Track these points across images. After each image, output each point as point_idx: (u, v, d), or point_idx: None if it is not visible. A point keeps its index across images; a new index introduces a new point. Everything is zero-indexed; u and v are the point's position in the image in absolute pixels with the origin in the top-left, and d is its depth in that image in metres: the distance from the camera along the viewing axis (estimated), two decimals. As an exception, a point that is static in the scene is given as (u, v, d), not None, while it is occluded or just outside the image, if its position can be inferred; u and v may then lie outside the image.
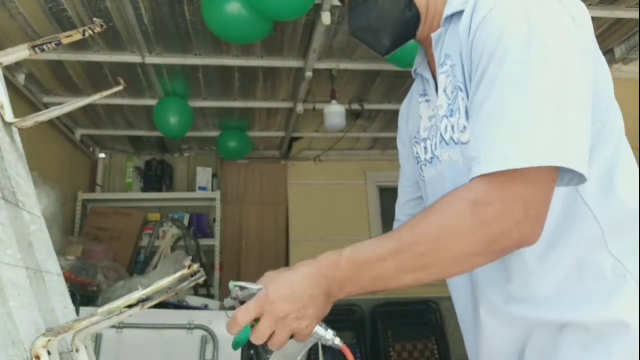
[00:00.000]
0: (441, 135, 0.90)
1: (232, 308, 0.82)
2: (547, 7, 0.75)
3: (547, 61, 0.72)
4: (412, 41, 1.01)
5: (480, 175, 0.71)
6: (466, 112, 0.83)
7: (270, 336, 0.75)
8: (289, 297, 0.74)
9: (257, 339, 0.75)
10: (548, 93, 0.71)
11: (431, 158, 0.97)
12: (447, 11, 0.89)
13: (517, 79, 0.72)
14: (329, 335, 0.80)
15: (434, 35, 0.91)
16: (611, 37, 2.87)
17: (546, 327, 0.81)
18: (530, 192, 0.69)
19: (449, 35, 0.88)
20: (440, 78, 0.90)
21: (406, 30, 0.95)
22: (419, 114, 1.02)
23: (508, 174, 0.69)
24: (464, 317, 0.98)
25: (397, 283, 0.75)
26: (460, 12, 0.85)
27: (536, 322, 0.82)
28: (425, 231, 0.73)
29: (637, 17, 2.61)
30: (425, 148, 0.98)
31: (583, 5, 0.81)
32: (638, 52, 2.96)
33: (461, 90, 0.84)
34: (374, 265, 0.74)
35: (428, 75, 0.99)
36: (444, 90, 0.89)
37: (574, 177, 0.72)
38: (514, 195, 0.69)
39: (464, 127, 0.83)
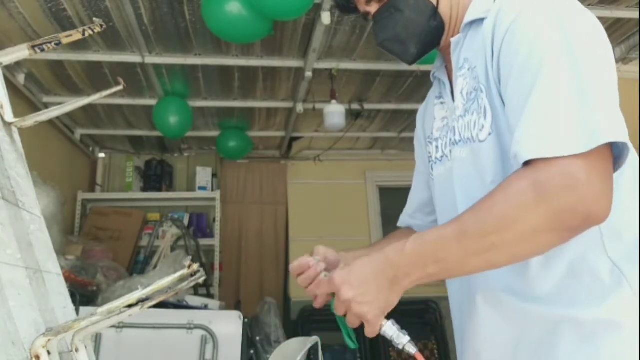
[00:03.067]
0: (454, 134, 0.94)
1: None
2: (574, 5, 0.82)
3: (587, 51, 0.75)
4: None
5: (536, 160, 0.70)
6: (485, 111, 0.85)
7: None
8: (351, 283, 0.77)
9: (338, 312, 0.81)
10: (594, 79, 0.73)
11: (441, 157, 1.01)
12: (469, 18, 0.92)
13: (562, 67, 0.73)
14: (399, 339, 0.80)
15: (453, 40, 0.95)
16: (611, 37, 2.86)
17: (541, 322, 0.81)
18: (591, 168, 0.68)
19: (468, 40, 0.92)
20: (458, 81, 0.93)
21: (432, 39, 0.99)
22: (434, 115, 1.06)
23: (569, 160, 0.68)
24: (458, 305, 0.98)
25: (463, 267, 0.75)
26: (481, 20, 0.89)
27: (532, 315, 0.83)
28: (488, 212, 0.72)
29: (637, 17, 2.61)
30: (437, 147, 1.02)
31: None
32: (638, 52, 2.96)
33: (482, 91, 0.86)
34: (439, 250, 0.74)
35: (445, 79, 1.03)
36: (461, 92, 0.92)
37: (618, 162, 0.73)
38: (575, 171, 0.68)
39: (482, 126, 0.85)
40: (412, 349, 0.80)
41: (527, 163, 0.72)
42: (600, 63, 0.76)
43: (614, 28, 2.78)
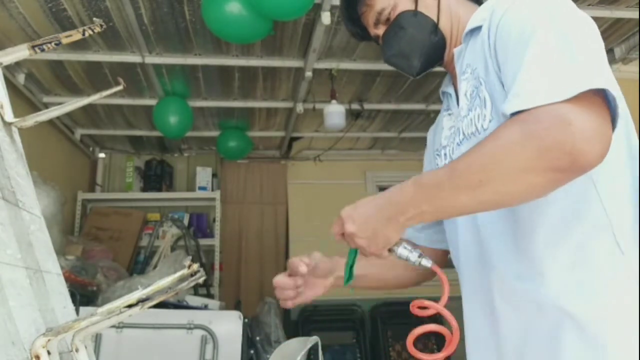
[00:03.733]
0: (459, 135, 0.97)
1: None
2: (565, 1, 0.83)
3: (574, 24, 0.78)
4: None
5: (524, 111, 0.72)
6: (485, 102, 0.88)
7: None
8: (354, 219, 0.84)
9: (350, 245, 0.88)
10: (581, 45, 0.75)
11: (449, 162, 1.03)
12: (468, 27, 0.97)
13: (550, 35, 0.76)
14: (413, 257, 0.85)
15: (455, 50, 1.01)
16: (611, 37, 2.87)
17: (549, 314, 0.82)
18: (582, 110, 0.67)
19: (469, 48, 0.97)
20: (461, 85, 0.97)
21: (434, 52, 1.06)
22: (442, 127, 1.10)
23: (560, 104, 0.69)
24: (476, 306, 0.98)
25: (456, 204, 0.77)
26: (480, 27, 0.93)
27: (542, 306, 0.83)
28: (478, 152, 0.74)
29: (637, 17, 2.61)
30: (445, 154, 1.06)
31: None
32: (638, 52, 2.96)
33: (481, 84, 0.90)
34: (432, 187, 0.78)
35: (451, 91, 1.08)
36: (465, 95, 0.96)
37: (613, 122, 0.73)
38: (564, 112, 0.68)
39: (485, 116, 0.89)
40: (427, 263, 0.85)
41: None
42: (587, 35, 0.78)
43: (614, 28, 2.78)
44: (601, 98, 0.70)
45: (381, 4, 1.07)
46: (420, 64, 1.07)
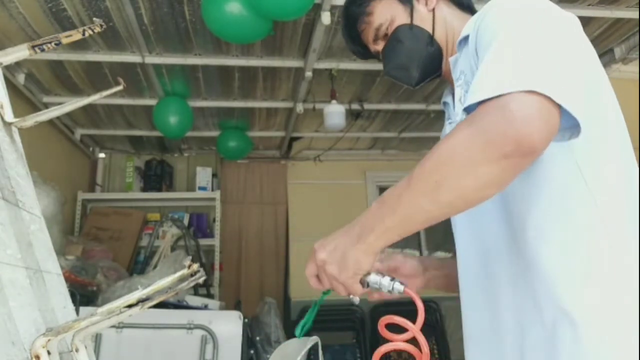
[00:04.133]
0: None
1: None
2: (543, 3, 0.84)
3: (547, 25, 0.79)
4: None
5: (477, 103, 0.73)
6: None
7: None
8: (324, 246, 0.84)
9: (322, 282, 0.87)
10: (552, 48, 0.75)
11: None
12: (461, 36, 0.99)
13: (517, 32, 0.77)
14: (385, 282, 0.83)
15: (451, 59, 1.03)
16: (611, 37, 2.87)
17: (543, 306, 0.82)
18: (526, 99, 0.68)
19: (462, 55, 0.98)
20: (456, 92, 0.99)
21: (431, 62, 1.10)
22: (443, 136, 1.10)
23: (504, 97, 0.70)
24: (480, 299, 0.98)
25: (419, 212, 0.76)
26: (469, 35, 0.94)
27: (536, 298, 0.83)
28: (432, 155, 0.75)
29: (637, 17, 2.61)
30: None
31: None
32: (638, 52, 2.96)
33: (469, 86, 0.90)
34: (394, 198, 0.78)
35: (450, 100, 1.09)
36: (459, 100, 0.97)
37: (573, 130, 0.73)
38: (508, 101, 0.69)
39: None
40: (400, 287, 0.84)
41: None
42: (552, 39, 0.77)
43: (614, 28, 2.78)
44: (551, 103, 0.70)
45: (379, 20, 1.12)
46: (419, 74, 1.12)
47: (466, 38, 0.96)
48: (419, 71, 1.11)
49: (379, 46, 1.16)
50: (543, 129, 0.68)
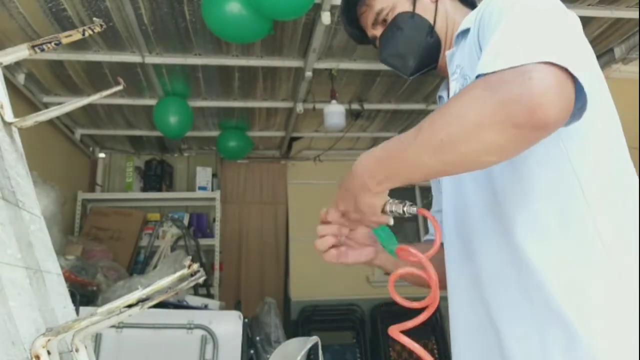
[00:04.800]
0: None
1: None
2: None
3: (550, 11, 0.78)
4: None
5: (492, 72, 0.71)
6: None
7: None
8: (342, 198, 0.90)
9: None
10: (556, 28, 0.75)
11: None
12: (459, 29, 0.98)
13: (526, 13, 0.76)
14: (400, 209, 0.87)
15: (447, 53, 1.02)
16: (611, 37, 2.87)
17: (532, 297, 0.81)
18: (544, 69, 0.66)
19: (459, 49, 0.97)
20: (451, 86, 0.98)
21: (429, 53, 1.09)
22: None
23: (524, 66, 0.68)
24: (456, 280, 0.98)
25: (420, 165, 0.76)
26: (469, 29, 0.93)
27: (523, 289, 0.83)
28: (442, 110, 0.74)
29: (637, 17, 2.61)
30: None
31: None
32: (638, 52, 2.96)
33: (466, 80, 0.91)
34: (397, 149, 0.79)
35: (445, 95, 1.09)
36: (455, 93, 0.95)
37: (575, 114, 0.72)
38: (527, 69, 0.67)
39: None
40: (413, 209, 0.87)
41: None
42: (562, 22, 0.77)
43: (614, 28, 2.78)
44: (569, 76, 0.69)
45: (380, 4, 1.10)
46: (415, 65, 1.10)
47: (465, 32, 0.95)
48: (416, 61, 1.09)
49: (377, 31, 1.14)
50: (559, 103, 0.66)
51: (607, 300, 0.76)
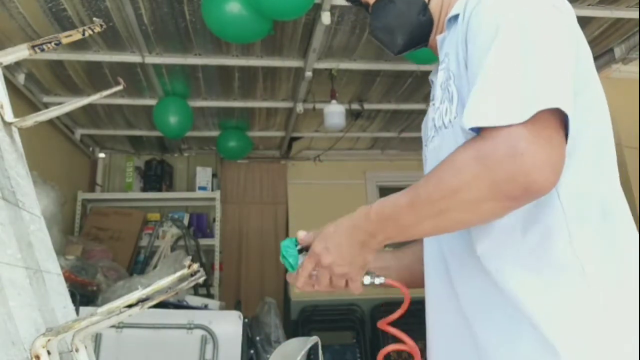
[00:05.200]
0: (434, 125, 0.96)
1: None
2: None
3: (538, 30, 0.77)
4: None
5: (482, 129, 0.72)
6: (452, 97, 0.87)
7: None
8: (329, 249, 0.87)
9: (322, 278, 0.90)
10: (540, 54, 0.75)
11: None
12: (450, 15, 0.95)
13: (511, 43, 0.76)
14: (375, 280, 0.92)
15: (438, 37, 0.99)
16: (611, 37, 2.87)
17: (507, 308, 0.80)
18: (534, 137, 0.68)
19: (449, 36, 0.95)
20: (439, 75, 0.96)
21: (419, 32, 1.05)
22: (428, 118, 1.07)
23: (513, 130, 0.69)
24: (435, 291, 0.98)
25: (419, 231, 0.82)
26: (457, 16, 0.91)
27: (497, 301, 0.82)
28: (437, 181, 0.76)
29: (637, 17, 2.61)
30: (426, 146, 1.04)
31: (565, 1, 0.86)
32: (638, 52, 2.96)
33: (450, 78, 0.89)
34: (396, 217, 0.81)
35: (435, 79, 1.05)
36: (440, 85, 0.94)
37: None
38: (517, 140, 0.69)
39: (451, 111, 0.88)
40: (379, 280, 0.92)
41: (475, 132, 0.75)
42: (554, 43, 0.77)
43: (614, 28, 2.78)
44: (555, 114, 0.71)
45: None
46: (404, 42, 1.06)
47: (456, 17, 0.92)
48: (404, 39, 1.06)
49: None
50: (550, 175, 0.69)
51: (587, 324, 0.75)
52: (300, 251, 0.94)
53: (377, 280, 0.92)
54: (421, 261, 1.06)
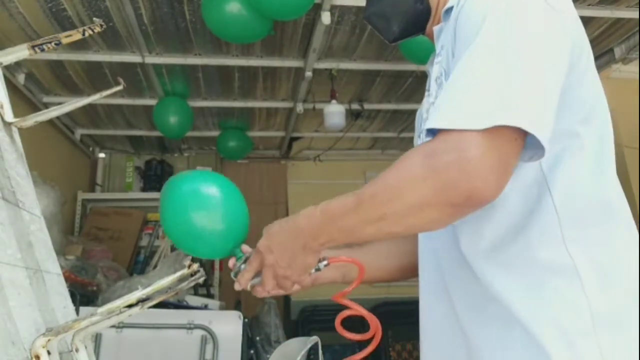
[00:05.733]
0: (427, 117, 0.92)
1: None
2: None
3: (522, 34, 0.73)
4: (424, 38, 1.07)
5: (440, 130, 0.71)
6: None
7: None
8: (272, 250, 0.87)
9: (266, 278, 0.89)
10: (520, 61, 0.72)
11: None
12: (446, 6, 0.92)
13: (490, 45, 0.73)
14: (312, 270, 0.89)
15: (435, 28, 0.96)
16: (611, 37, 2.87)
17: (498, 312, 0.79)
18: (488, 147, 0.67)
19: (446, 28, 0.92)
20: (434, 68, 0.93)
21: (416, 21, 1.01)
22: (422, 108, 1.05)
23: (465, 136, 0.68)
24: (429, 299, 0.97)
25: (363, 234, 0.79)
26: (452, 8, 0.88)
27: (490, 304, 0.80)
28: (383, 183, 0.75)
29: (637, 17, 2.61)
30: (419, 137, 1.03)
31: None
32: (638, 52, 2.96)
33: (442, 74, 0.87)
34: (340, 217, 0.79)
35: (431, 70, 1.01)
36: (435, 80, 0.92)
37: (537, 152, 0.71)
38: (469, 146, 0.67)
39: None
40: (322, 263, 0.90)
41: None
42: (537, 43, 0.73)
43: (614, 28, 2.78)
44: (521, 134, 0.69)
45: None
46: (399, 30, 1.03)
47: (450, 10, 0.90)
48: (400, 27, 1.02)
49: None
50: (496, 185, 0.68)
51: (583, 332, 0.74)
52: (245, 260, 0.94)
53: (322, 265, 0.89)
54: (385, 258, 1.06)
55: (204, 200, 0.94)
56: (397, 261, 1.12)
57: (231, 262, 0.96)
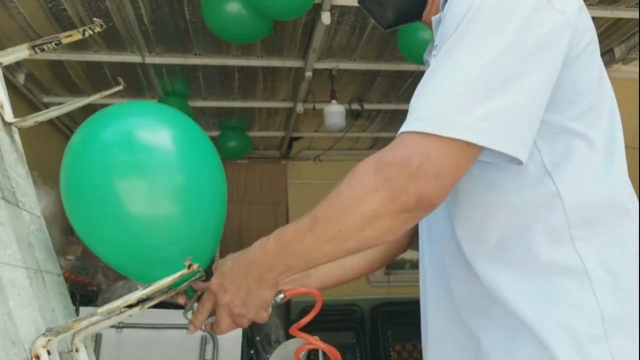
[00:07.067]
0: None
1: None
2: None
3: (502, 37, 0.70)
4: (422, 36, 1.02)
5: (400, 134, 0.71)
6: None
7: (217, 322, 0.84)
8: (225, 288, 0.81)
9: (221, 319, 0.83)
10: (494, 66, 0.69)
11: None
12: None
13: (459, 48, 0.71)
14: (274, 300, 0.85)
15: (434, 18, 0.91)
16: (611, 37, 2.87)
17: (503, 314, 0.77)
18: (440, 152, 0.67)
19: (443, 20, 0.88)
20: (432, 61, 0.90)
21: (412, 8, 0.97)
22: None
23: (418, 134, 0.68)
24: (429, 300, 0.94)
25: (321, 255, 0.76)
26: None
27: (495, 306, 0.78)
28: (335, 198, 0.74)
29: (637, 17, 2.61)
30: None
31: None
32: (638, 52, 2.96)
33: None
34: (295, 241, 0.76)
35: (430, 60, 0.99)
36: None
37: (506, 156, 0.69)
38: (420, 151, 0.67)
39: None
40: (279, 297, 0.85)
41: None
42: (523, 45, 0.70)
43: (614, 28, 2.78)
44: (465, 148, 0.68)
45: None
46: (394, 17, 0.99)
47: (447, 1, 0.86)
48: (395, 14, 0.98)
49: None
50: (442, 188, 0.68)
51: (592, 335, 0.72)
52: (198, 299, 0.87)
53: (278, 298, 0.84)
54: (337, 263, 1.03)
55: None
56: (367, 256, 1.08)
57: (182, 299, 0.89)
